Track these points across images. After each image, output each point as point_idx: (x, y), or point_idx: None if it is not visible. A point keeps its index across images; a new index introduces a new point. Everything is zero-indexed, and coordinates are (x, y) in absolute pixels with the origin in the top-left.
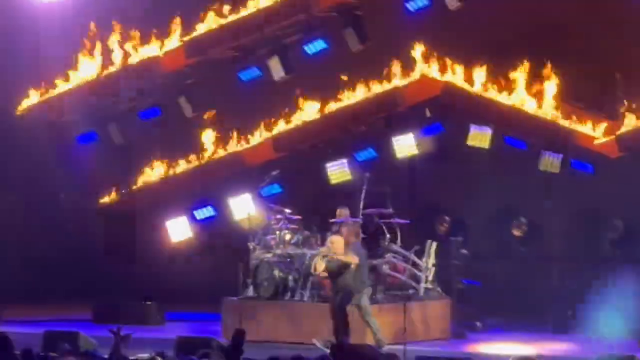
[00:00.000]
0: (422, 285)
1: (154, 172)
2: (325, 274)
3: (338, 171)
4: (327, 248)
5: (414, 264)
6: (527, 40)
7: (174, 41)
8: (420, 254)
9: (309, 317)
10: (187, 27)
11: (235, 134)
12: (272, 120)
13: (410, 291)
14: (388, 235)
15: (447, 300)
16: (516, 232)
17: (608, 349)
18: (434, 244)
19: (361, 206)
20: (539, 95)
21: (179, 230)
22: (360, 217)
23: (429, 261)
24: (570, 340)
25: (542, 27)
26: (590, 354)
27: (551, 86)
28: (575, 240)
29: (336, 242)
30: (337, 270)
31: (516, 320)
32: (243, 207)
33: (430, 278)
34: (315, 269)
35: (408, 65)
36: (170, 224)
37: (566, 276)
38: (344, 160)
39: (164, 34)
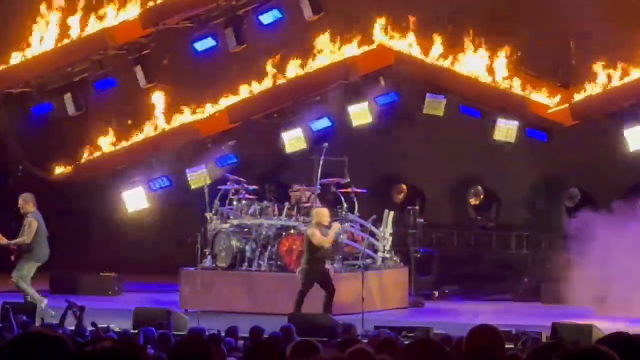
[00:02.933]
0: (380, 254)
1: (108, 143)
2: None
3: (293, 140)
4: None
5: (372, 233)
6: (481, 8)
7: (130, 11)
8: (377, 223)
9: (267, 287)
10: None
11: (189, 105)
12: (227, 90)
13: (368, 260)
14: (345, 205)
15: (405, 269)
16: (473, 201)
17: (565, 316)
18: (391, 213)
19: (318, 176)
20: (493, 64)
21: (134, 200)
22: (318, 186)
23: (387, 230)
24: (528, 307)
25: None
26: (547, 322)
27: (505, 55)
28: (532, 209)
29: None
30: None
31: (474, 289)
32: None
33: (387, 247)
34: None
35: (363, 35)
36: (126, 194)
37: (523, 244)
38: (299, 130)
39: (120, 4)
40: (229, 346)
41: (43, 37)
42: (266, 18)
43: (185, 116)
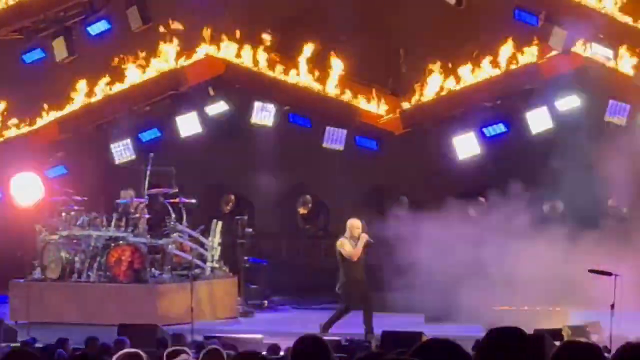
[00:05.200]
0: (209, 264)
1: None
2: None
3: (122, 151)
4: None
5: (200, 244)
6: (311, 17)
7: None
8: (206, 233)
9: (96, 297)
10: None
11: (20, 117)
12: (57, 102)
13: (197, 270)
14: (174, 215)
15: (234, 279)
16: (302, 210)
17: (394, 324)
18: (220, 223)
19: (146, 186)
20: (323, 73)
21: None
22: (146, 197)
23: (215, 240)
24: (359, 316)
25: (326, 3)
26: (378, 330)
27: (335, 63)
28: (361, 217)
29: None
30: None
31: (303, 297)
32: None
33: (216, 257)
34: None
35: (192, 45)
36: None
37: None
38: (128, 141)
39: None
40: (59, 357)
41: None
42: (94, 29)
43: (16, 128)
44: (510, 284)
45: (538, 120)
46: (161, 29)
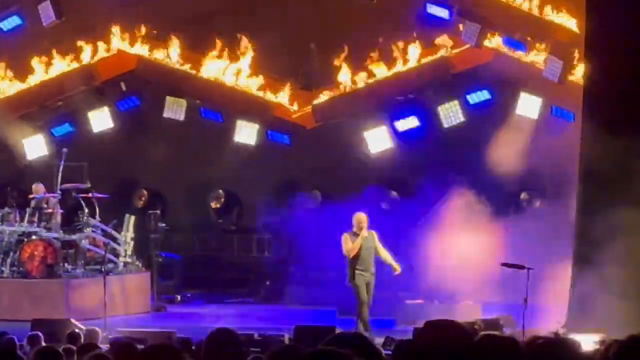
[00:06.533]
0: (122, 259)
1: None
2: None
3: (34, 146)
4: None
5: (113, 238)
6: (224, 11)
7: None
8: (118, 227)
9: (9, 293)
10: None
11: None
12: None
13: (110, 265)
14: (86, 210)
15: (147, 274)
16: (214, 204)
17: (308, 319)
18: (133, 218)
19: (58, 181)
20: (235, 67)
21: None
22: (58, 192)
23: (128, 235)
24: (272, 310)
25: None
26: (291, 324)
27: (247, 57)
28: (272, 211)
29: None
30: None
31: (216, 292)
32: None
33: (129, 252)
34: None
35: (103, 40)
36: None
37: (265, 247)
38: (40, 136)
39: None
40: None
41: None
42: (6, 24)
43: None
44: (423, 277)
45: (450, 114)
46: (73, 24)
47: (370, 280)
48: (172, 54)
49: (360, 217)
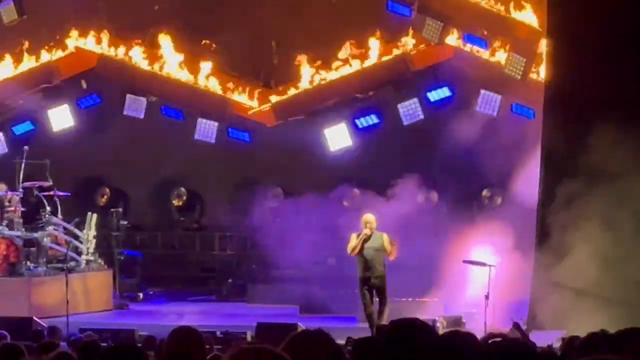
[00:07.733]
0: (84, 257)
1: None
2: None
3: None
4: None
5: (75, 236)
6: (182, 12)
7: None
8: (81, 225)
9: None
10: None
11: None
12: None
13: (72, 263)
14: (48, 208)
15: (109, 272)
16: (176, 202)
17: (270, 317)
18: (94, 216)
19: (20, 179)
20: (194, 66)
21: None
22: (20, 190)
23: (90, 233)
24: (234, 308)
25: None
26: (253, 322)
27: (207, 55)
28: (233, 209)
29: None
30: None
31: (179, 290)
32: None
33: (91, 250)
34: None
35: (63, 38)
36: None
37: (227, 245)
38: (1, 134)
39: None
40: None
41: None
42: None
43: None
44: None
45: (409, 111)
46: (33, 22)
47: (375, 282)
48: (132, 52)
49: (364, 218)
